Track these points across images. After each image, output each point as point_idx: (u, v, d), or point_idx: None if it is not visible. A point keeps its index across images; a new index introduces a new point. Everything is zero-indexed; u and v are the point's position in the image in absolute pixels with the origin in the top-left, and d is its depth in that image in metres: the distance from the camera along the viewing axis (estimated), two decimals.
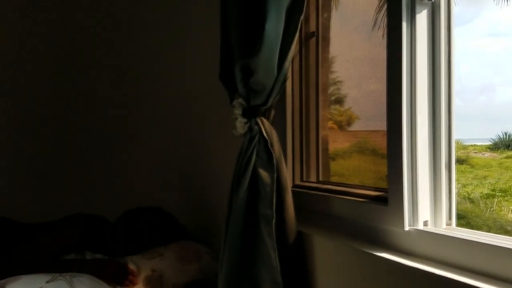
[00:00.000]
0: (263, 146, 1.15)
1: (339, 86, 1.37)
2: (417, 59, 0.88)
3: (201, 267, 1.57)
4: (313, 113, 1.33)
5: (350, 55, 1.29)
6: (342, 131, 1.37)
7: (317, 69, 1.35)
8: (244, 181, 1.15)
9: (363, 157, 1.27)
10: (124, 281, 1.43)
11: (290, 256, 1.14)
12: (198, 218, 1.96)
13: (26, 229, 1.65)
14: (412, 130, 0.89)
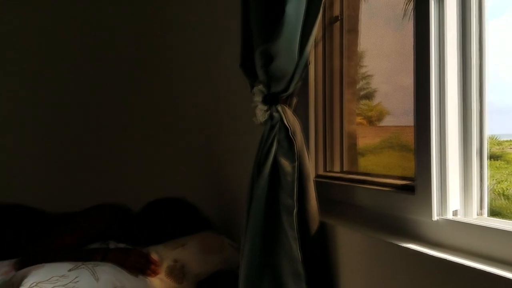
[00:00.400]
0: (284, 134, 1.12)
1: (369, 81, 1.34)
2: (446, 46, 0.83)
3: (223, 258, 1.55)
4: (337, 100, 1.29)
5: (380, 48, 1.25)
6: (372, 127, 1.34)
7: (341, 55, 1.31)
8: (264, 170, 1.12)
9: (394, 153, 1.23)
10: (146, 270, 1.44)
11: (312, 247, 1.10)
12: (221, 210, 1.95)
13: (51, 219, 1.69)
14: (441, 116, 0.84)
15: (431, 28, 0.83)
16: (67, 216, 1.67)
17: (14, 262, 1.47)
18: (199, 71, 2.20)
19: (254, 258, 1.15)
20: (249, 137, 1.45)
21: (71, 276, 1.30)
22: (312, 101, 1.28)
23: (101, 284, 1.32)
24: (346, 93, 1.31)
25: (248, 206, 1.16)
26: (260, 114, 1.13)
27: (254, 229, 1.14)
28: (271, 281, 1.13)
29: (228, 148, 1.90)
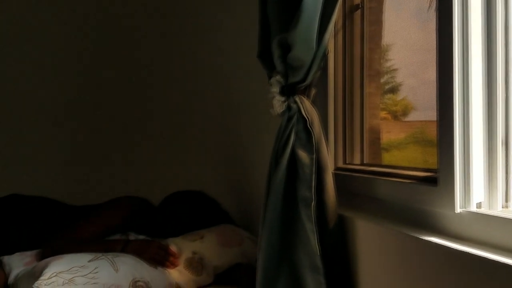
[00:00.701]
0: (302, 126, 1.10)
1: (394, 75, 1.32)
2: (470, 37, 0.80)
3: (242, 252, 1.55)
4: (358, 92, 1.26)
5: (406, 41, 1.22)
6: (396, 121, 1.32)
7: (362, 44, 1.28)
8: (282, 162, 1.11)
9: (420, 148, 1.21)
10: (165, 262, 1.44)
11: (331, 240, 1.08)
12: (240, 203, 1.95)
13: (73, 211, 1.71)
14: (465, 105, 0.80)
15: (454, 19, 0.80)
16: (88, 208, 1.69)
17: (36, 253, 1.51)
18: (216, 64, 2.20)
19: (271, 251, 1.14)
20: (266, 129, 1.44)
21: (91, 266, 1.32)
22: (331, 92, 1.25)
23: (120, 274, 1.34)
24: (369, 87, 1.29)
25: (265, 199, 1.15)
26: (277, 105, 1.11)
27: (271, 222, 1.13)
28: (288, 275, 1.12)
29: (246, 140, 1.89)
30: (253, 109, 1.78)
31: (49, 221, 1.64)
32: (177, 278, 1.45)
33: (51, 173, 2.34)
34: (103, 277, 1.31)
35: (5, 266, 1.45)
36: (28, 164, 2.40)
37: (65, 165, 2.43)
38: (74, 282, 1.26)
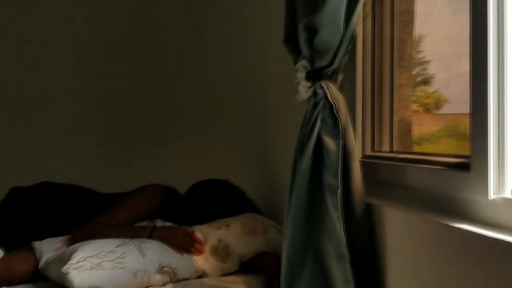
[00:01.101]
0: (328, 112, 1.08)
1: (426, 66, 1.29)
2: (506, 26, 0.76)
3: (267, 240, 1.54)
4: (388, 77, 1.23)
5: (439, 32, 1.19)
6: (428, 115, 1.29)
7: (392, 28, 1.24)
8: (307, 149, 1.09)
9: (453, 142, 1.18)
10: (191, 248, 1.46)
11: (358, 229, 1.06)
12: (265, 192, 1.94)
13: (102, 198, 1.74)
14: (500, 95, 0.77)
15: (489, 9, 0.76)
16: (117, 196, 1.72)
17: (66, 239, 1.54)
18: (241, 51, 2.19)
19: (296, 240, 1.12)
20: (292, 116, 1.42)
21: (119, 252, 1.34)
22: (359, 78, 1.22)
23: (147, 260, 1.36)
24: (400, 78, 1.25)
25: (290, 187, 1.14)
26: (303, 91, 1.09)
27: (296, 210, 1.12)
28: (313, 263, 1.10)
29: (271, 129, 1.88)
30: (278, 96, 1.76)
31: (79, 208, 1.68)
32: (202, 265, 1.46)
33: (81, 162, 2.41)
34: (131, 262, 1.32)
35: (36, 251, 1.49)
36: (59, 153, 2.47)
37: (95, 154, 2.48)
38: (102, 267, 1.28)
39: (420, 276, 0.88)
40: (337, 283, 1.06)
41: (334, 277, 1.06)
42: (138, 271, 1.33)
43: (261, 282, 1.40)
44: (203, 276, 1.47)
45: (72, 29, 2.51)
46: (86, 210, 1.65)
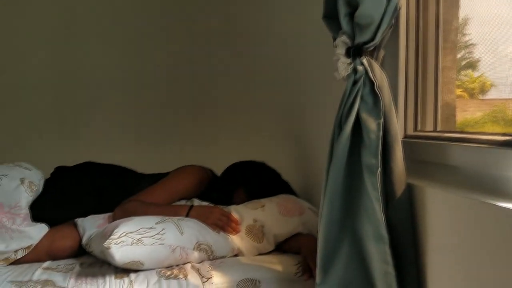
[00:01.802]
0: (369, 89, 1.04)
1: (472, 50, 1.25)
2: None
3: (303, 222, 1.53)
4: (432, 53, 1.17)
5: (485, 15, 1.13)
6: (473, 100, 1.25)
7: (437, 7, 1.18)
8: (346, 128, 1.06)
9: (499, 128, 1.15)
10: (227, 227, 1.47)
11: (397, 209, 1.03)
12: (302, 175, 1.92)
13: (142, 178, 1.78)
14: None
15: None
16: (156, 176, 1.75)
17: (107, 216, 1.59)
18: (279, 29, 2.17)
19: (333, 220, 1.11)
20: (330, 96, 1.39)
21: (158, 228, 1.37)
22: (402, 54, 1.17)
23: (185, 237, 1.38)
24: (444, 60, 1.20)
25: (328, 167, 1.12)
26: (342, 68, 1.07)
27: (333, 190, 1.10)
28: (350, 244, 1.09)
29: (309, 109, 1.85)
30: (316, 75, 1.73)
31: (119, 187, 1.72)
32: (238, 244, 1.47)
33: (121, 143, 2.48)
34: (169, 238, 1.35)
35: (79, 227, 1.54)
36: (102, 134, 2.56)
37: (134, 135, 2.55)
38: (142, 242, 1.31)
39: (462, 258, 0.85)
40: (375, 264, 1.04)
41: (372, 258, 1.05)
42: (176, 247, 1.36)
43: (297, 262, 1.40)
44: (239, 255, 1.49)
45: (112, 14, 2.56)
46: (127, 189, 1.70)
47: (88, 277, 1.31)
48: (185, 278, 1.30)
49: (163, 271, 1.34)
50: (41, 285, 1.27)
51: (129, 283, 1.28)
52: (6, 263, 1.45)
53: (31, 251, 1.47)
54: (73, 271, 1.37)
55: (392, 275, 1.02)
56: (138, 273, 1.33)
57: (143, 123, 2.62)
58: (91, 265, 1.42)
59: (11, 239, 1.45)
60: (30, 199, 1.55)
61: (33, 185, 1.58)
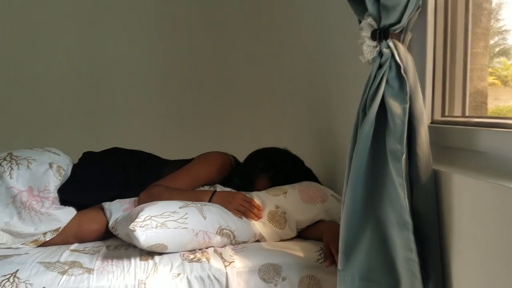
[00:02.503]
0: (394, 73, 1.02)
1: (505, 36, 1.21)
2: None
3: (325, 209, 1.53)
4: (461, 37, 1.14)
5: None
6: (506, 88, 1.22)
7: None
8: (370, 113, 1.04)
9: None
10: (249, 213, 1.47)
11: (422, 196, 1.01)
12: (325, 162, 1.91)
13: (167, 163, 1.81)
14: None
15: None
16: (180, 162, 1.77)
17: (133, 200, 1.62)
18: (303, 16, 2.14)
19: (355, 206, 1.10)
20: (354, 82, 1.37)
21: (181, 212, 1.38)
22: (430, 37, 1.13)
23: (208, 222, 1.39)
24: (476, 46, 1.16)
25: (351, 153, 1.10)
26: (368, 51, 1.05)
27: (356, 176, 1.08)
28: (373, 230, 1.08)
29: (332, 94, 1.82)
30: (340, 59, 1.70)
31: (144, 172, 1.75)
32: (260, 229, 1.48)
33: (147, 129, 2.53)
34: (192, 223, 1.37)
35: (106, 211, 1.58)
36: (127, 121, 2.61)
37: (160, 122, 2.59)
38: (166, 226, 1.34)
39: (488, 246, 0.83)
40: (397, 250, 1.03)
41: (394, 245, 1.03)
42: (199, 231, 1.37)
43: (319, 249, 1.39)
44: (261, 241, 1.49)
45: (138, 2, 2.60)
46: (152, 174, 1.72)
47: (114, 259, 1.34)
48: (207, 262, 1.32)
49: (186, 254, 1.36)
50: (68, 266, 1.31)
51: (153, 265, 1.31)
52: (35, 245, 1.50)
53: (59, 233, 1.51)
54: (100, 253, 1.40)
55: (415, 262, 1.00)
56: (162, 255, 1.36)
57: (168, 111, 2.66)
58: (117, 248, 1.45)
59: (40, 222, 1.50)
60: (59, 183, 1.59)
61: (62, 169, 1.62)
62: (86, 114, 2.71)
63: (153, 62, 2.67)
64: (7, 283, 1.22)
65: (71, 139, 2.32)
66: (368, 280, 1.08)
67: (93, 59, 2.70)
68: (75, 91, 2.71)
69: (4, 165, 1.53)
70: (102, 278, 1.26)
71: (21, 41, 2.66)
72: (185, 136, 2.54)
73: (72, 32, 2.67)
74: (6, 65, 2.66)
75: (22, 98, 2.69)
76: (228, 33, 2.62)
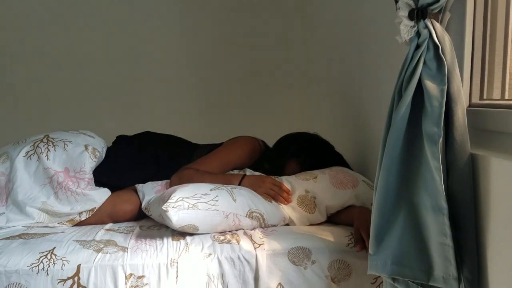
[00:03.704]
0: (432, 54, 1.00)
1: None
2: None
3: (356, 194, 1.51)
4: (502, 20, 1.10)
5: None
6: None
7: None
8: (406, 95, 1.03)
9: None
10: (279, 197, 1.48)
11: (458, 180, 0.99)
12: (356, 148, 1.89)
13: (198, 147, 1.83)
14: None
15: None
16: (210, 146, 1.79)
17: (165, 183, 1.65)
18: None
19: (389, 190, 1.08)
20: (389, 60, 1.34)
21: (212, 195, 1.40)
22: (469, 17, 1.10)
23: (238, 204, 1.41)
24: None
25: (385, 136, 1.09)
26: (405, 31, 1.02)
27: (390, 160, 1.07)
28: (406, 215, 1.06)
29: (366, 76, 1.79)
30: (375, 39, 1.67)
31: (176, 155, 1.77)
32: (290, 213, 1.48)
33: (180, 116, 2.56)
34: (223, 205, 1.38)
35: (139, 192, 1.61)
36: (160, 107, 2.65)
37: (191, 108, 2.63)
38: (197, 207, 1.36)
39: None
40: (431, 235, 1.01)
41: (428, 230, 1.02)
42: (229, 214, 1.39)
43: (349, 234, 1.38)
44: (290, 225, 1.50)
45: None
46: (183, 157, 1.75)
47: (147, 238, 1.38)
48: (237, 243, 1.33)
49: (216, 235, 1.38)
50: (103, 244, 1.35)
51: (185, 245, 1.33)
52: (71, 224, 1.55)
53: (94, 213, 1.56)
54: (133, 232, 1.44)
55: (450, 247, 0.99)
56: (193, 236, 1.38)
57: (198, 97, 2.69)
58: (149, 228, 1.49)
59: (76, 202, 1.54)
60: (94, 164, 1.64)
61: (97, 151, 1.66)
62: (119, 100, 2.78)
63: (184, 47, 2.70)
64: (45, 260, 1.27)
65: (104, 124, 2.37)
66: (400, 265, 1.07)
67: (127, 45, 2.75)
68: (110, 77, 2.77)
69: (41, 146, 1.58)
70: (136, 256, 1.30)
71: (57, 29, 2.73)
72: (215, 121, 2.57)
73: (107, 18, 2.73)
74: (44, 52, 2.74)
75: (58, 84, 2.77)
76: (258, 17, 2.61)
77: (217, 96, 2.69)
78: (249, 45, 2.63)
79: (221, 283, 1.29)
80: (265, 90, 2.61)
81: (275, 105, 2.55)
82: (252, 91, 2.63)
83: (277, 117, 2.48)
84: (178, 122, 2.33)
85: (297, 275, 1.31)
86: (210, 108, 2.66)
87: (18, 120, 2.70)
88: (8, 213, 1.51)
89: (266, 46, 2.61)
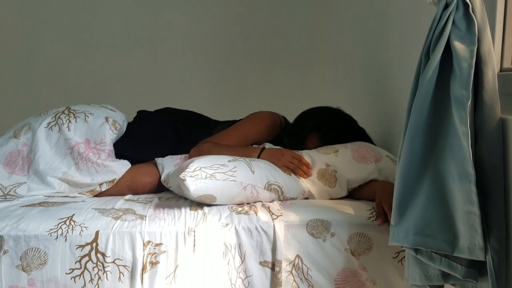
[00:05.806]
0: (462, 13, 0.95)
1: None
2: None
3: (379, 169, 1.47)
4: None
5: None
6: None
7: None
8: (435, 56, 0.98)
9: None
10: (298, 170, 1.45)
11: (487, 146, 0.94)
12: (380, 122, 1.84)
13: (217, 123, 1.81)
14: None
15: None
16: (229, 122, 1.77)
17: (184, 156, 1.64)
18: None
19: (412, 159, 1.04)
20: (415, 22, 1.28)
21: (230, 165, 1.39)
22: None
23: (256, 176, 1.39)
24: None
25: (410, 102, 1.04)
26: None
27: (415, 127, 1.02)
28: (431, 183, 1.01)
29: (391, 52, 1.74)
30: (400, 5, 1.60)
31: (195, 131, 1.77)
32: (310, 187, 1.45)
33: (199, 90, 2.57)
34: (241, 176, 1.37)
35: (159, 165, 1.62)
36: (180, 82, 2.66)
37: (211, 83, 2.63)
38: (215, 177, 1.34)
39: None
40: (457, 204, 0.97)
41: (454, 198, 0.97)
42: (247, 185, 1.37)
43: (370, 207, 1.35)
44: (310, 199, 1.47)
45: None
46: (202, 133, 1.74)
47: (165, 208, 1.37)
48: (255, 214, 1.32)
49: (234, 206, 1.37)
50: (122, 212, 1.35)
51: (202, 214, 1.32)
52: (91, 195, 1.56)
53: (114, 185, 1.57)
54: (152, 202, 1.44)
55: (476, 215, 0.94)
56: (211, 207, 1.37)
57: (220, 74, 2.69)
58: (168, 199, 1.48)
59: (97, 173, 1.55)
60: (114, 136, 1.64)
61: (117, 123, 1.67)
62: (140, 77, 2.80)
63: (205, 26, 2.70)
64: (63, 226, 1.28)
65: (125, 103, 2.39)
66: (423, 235, 1.03)
67: (147, 24, 2.76)
68: (131, 57, 2.80)
69: (63, 117, 1.60)
70: (154, 224, 1.29)
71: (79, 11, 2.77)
72: (235, 101, 2.56)
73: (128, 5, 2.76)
74: (67, 33, 2.79)
75: (80, 64, 2.81)
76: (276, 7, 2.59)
77: (237, 76, 2.68)
78: (270, 21, 2.60)
79: (238, 253, 1.28)
80: (288, 66, 2.58)
81: (298, 81, 2.52)
82: (274, 68, 2.61)
83: (298, 95, 2.44)
84: (198, 101, 2.33)
85: (315, 247, 1.29)
86: (229, 89, 2.65)
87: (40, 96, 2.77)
88: (29, 183, 1.53)
89: (288, 20, 2.57)
